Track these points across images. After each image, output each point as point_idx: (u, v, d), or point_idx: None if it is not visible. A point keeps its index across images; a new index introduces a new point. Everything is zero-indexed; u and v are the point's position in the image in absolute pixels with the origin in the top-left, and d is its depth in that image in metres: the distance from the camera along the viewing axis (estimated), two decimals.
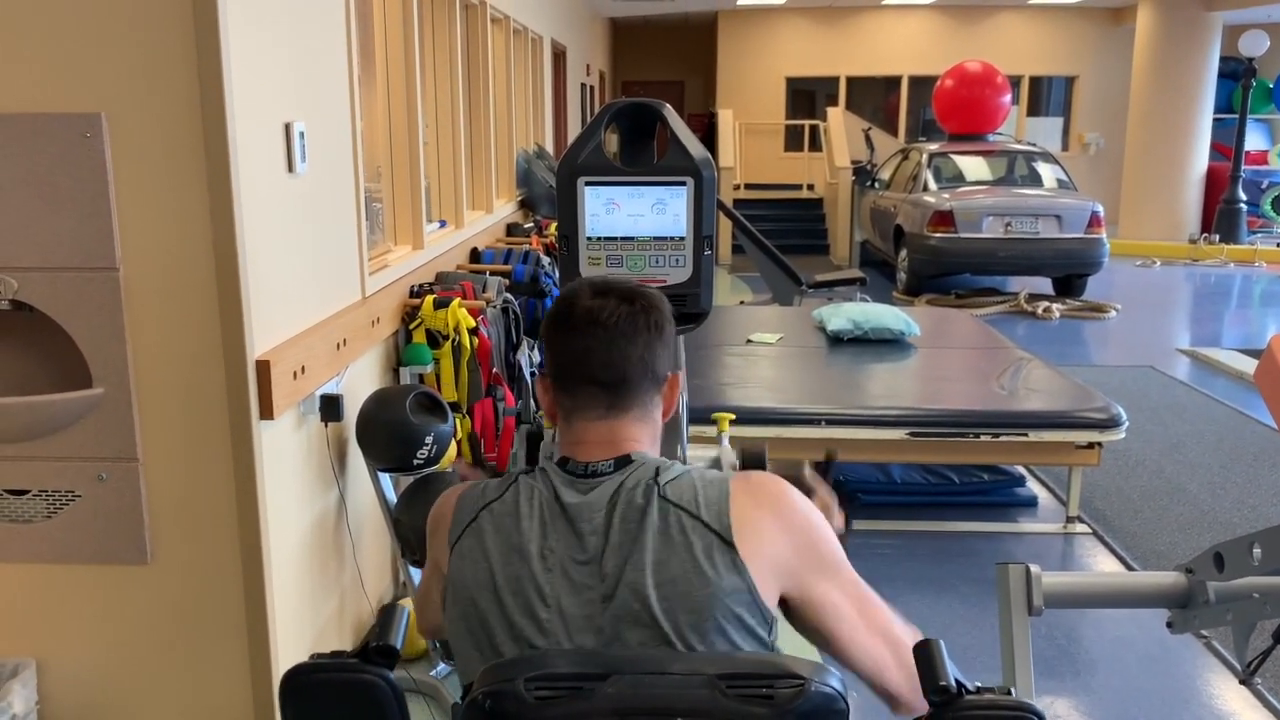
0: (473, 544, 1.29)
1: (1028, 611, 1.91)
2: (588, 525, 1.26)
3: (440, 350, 3.51)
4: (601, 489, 1.29)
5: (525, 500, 1.30)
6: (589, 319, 1.33)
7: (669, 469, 1.30)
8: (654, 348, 1.35)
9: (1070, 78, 15.89)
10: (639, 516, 1.25)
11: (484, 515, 1.30)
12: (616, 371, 1.33)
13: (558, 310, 1.36)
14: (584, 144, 1.75)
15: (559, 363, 1.36)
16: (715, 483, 1.28)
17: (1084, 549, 4.18)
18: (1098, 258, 9.41)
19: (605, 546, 1.24)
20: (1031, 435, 4.15)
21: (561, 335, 1.35)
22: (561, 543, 1.25)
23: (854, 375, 4.85)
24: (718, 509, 1.25)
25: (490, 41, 5.89)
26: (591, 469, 1.30)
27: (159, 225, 2.21)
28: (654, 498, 1.26)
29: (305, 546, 2.71)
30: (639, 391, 1.35)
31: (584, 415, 1.34)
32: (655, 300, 1.37)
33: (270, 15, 2.46)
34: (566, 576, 1.24)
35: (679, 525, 1.24)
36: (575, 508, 1.27)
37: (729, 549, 1.22)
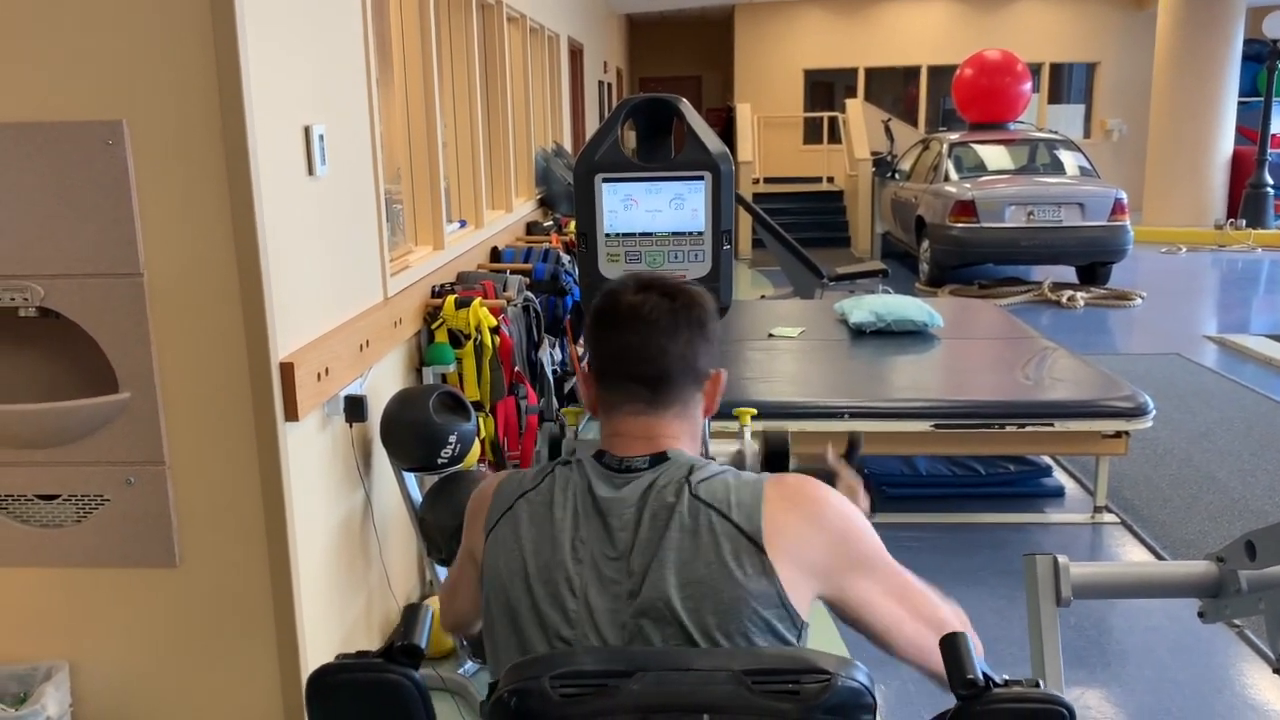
0: (508, 532, 1.30)
1: (1056, 602, 1.89)
2: (618, 520, 1.26)
3: (462, 350, 3.52)
4: (635, 484, 1.29)
5: (560, 490, 1.30)
6: (631, 314, 1.33)
7: (703, 468, 1.30)
8: (696, 344, 1.34)
9: (1092, 64, 15.74)
10: (668, 514, 1.24)
11: (520, 504, 1.31)
12: (657, 368, 1.32)
13: (601, 306, 1.36)
14: (600, 141, 1.75)
15: (601, 357, 1.36)
16: (749, 484, 1.27)
17: (1113, 539, 4.14)
18: (1122, 245, 9.32)
19: (634, 543, 1.24)
20: (1057, 425, 4.12)
21: (604, 331, 1.35)
22: (593, 536, 1.26)
23: (877, 368, 4.83)
24: (749, 510, 1.24)
25: (507, 41, 5.89)
26: (626, 464, 1.30)
27: (181, 230, 2.22)
28: (684, 496, 1.26)
29: (332, 547, 2.73)
30: (680, 388, 1.34)
31: (624, 410, 1.34)
32: (699, 296, 1.37)
33: (287, 20, 2.47)
34: (596, 570, 1.24)
35: (709, 525, 1.23)
36: (608, 502, 1.27)
37: (758, 552, 1.22)
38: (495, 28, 5.63)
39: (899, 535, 4.15)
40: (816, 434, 4.16)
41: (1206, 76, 12.59)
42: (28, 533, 2.38)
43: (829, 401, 4.26)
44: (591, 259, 1.81)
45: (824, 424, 4.15)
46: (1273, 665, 1.86)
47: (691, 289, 1.37)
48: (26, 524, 2.38)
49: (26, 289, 2.23)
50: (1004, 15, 15.36)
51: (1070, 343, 7.07)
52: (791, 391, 4.45)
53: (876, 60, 15.80)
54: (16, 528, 2.38)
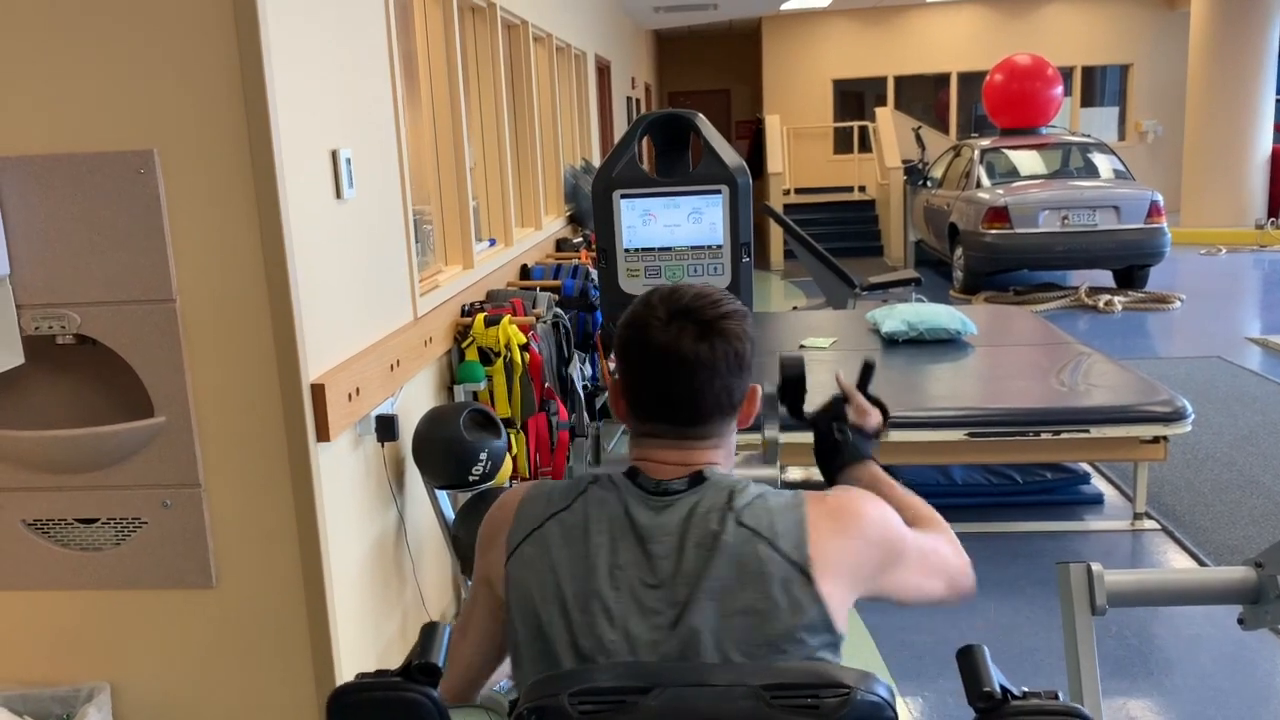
0: (537, 552, 1.25)
1: (1091, 611, 1.87)
2: (660, 547, 1.22)
3: (493, 367, 3.54)
4: (675, 509, 1.24)
5: (595, 514, 1.25)
6: (663, 357, 1.25)
7: (743, 491, 1.26)
8: (729, 381, 1.28)
9: (1124, 66, 15.57)
10: (712, 542, 1.20)
11: (551, 524, 1.26)
12: (693, 412, 1.27)
13: (630, 337, 1.28)
14: (618, 157, 1.76)
15: (631, 390, 1.30)
16: (790, 509, 1.24)
17: (1153, 546, 4.07)
18: (1159, 247, 9.19)
19: (676, 571, 1.20)
20: (1094, 431, 4.06)
21: (634, 365, 1.28)
22: (631, 562, 1.22)
23: (910, 377, 4.79)
24: (796, 538, 1.21)
25: (534, 60, 5.94)
26: (664, 486, 1.26)
27: (212, 256, 2.26)
28: (729, 523, 1.21)
29: (366, 566, 2.75)
30: (713, 424, 1.30)
31: (658, 440, 1.30)
32: (734, 327, 1.28)
33: (313, 46, 2.51)
34: (635, 598, 1.20)
35: (754, 554, 1.20)
36: (647, 528, 1.23)
37: (808, 582, 1.19)
38: (521, 47, 5.68)
39: None
40: None
41: (1242, 75, 12.41)
42: (68, 556, 2.42)
43: None
44: (611, 275, 1.82)
45: None
46: None
47: (729, 322, 1.28)
48: (66, 547, 2.42)
49: (64, 317, 2.27)
50: (1033, 19, 15.24)
51: (1108, 347, 6.97)
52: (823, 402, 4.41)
53: (906, 68, 15.73)
54: (57, 551, 2.42)
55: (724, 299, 1.31)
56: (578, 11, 8.04)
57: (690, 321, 1.26)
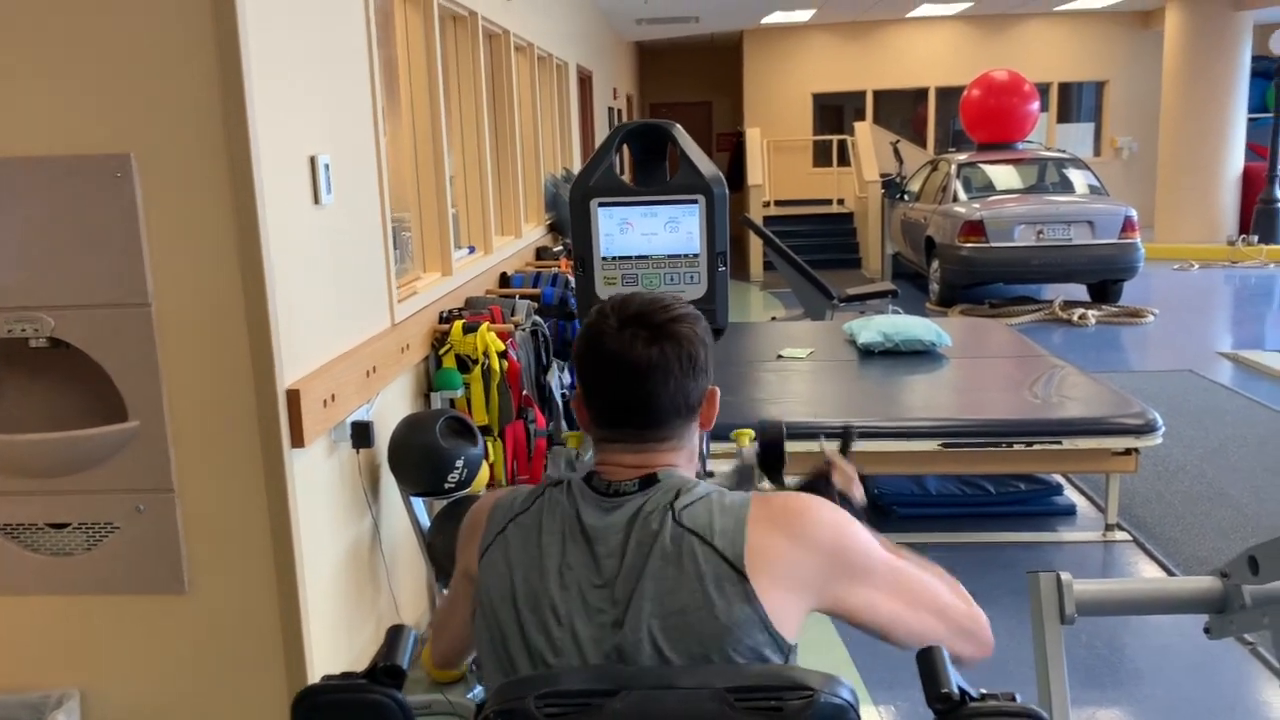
0: (499, 555, 1.28)
1: (1060, 620, 1.89)
2: (604, 548, 1.24)
3: (470, 375, 3.54)
4: (622, 510, 1.26)
5: (549, 515, 1.28)
6: (615, 363, 1.27)
7: (689, 491, 1.27)
8: (685, 383, 1.29)
9: (1100, 83, 15.73)
10: (651, 540, 1.22)
11: (511, 527, 1.29)
12: (649, 417, 1.29)
13: (585, 344, 1.31)
14: (596, 166, 1.77)
15: (588, 399, 1.32)
16: (733, 508, 1.24)
17: (1125, 557, 4.11)
18: (1133, 262, 9.29)
19: (619, 571, 1.22)
20: (1066, 443, 4.10)
21: (589, 375, 1.31)
22: (579, 563, 1.24)
23: (886, 387, 4.82)
24: (732, 536, 1.21)
25: (515, 69, 5.95)
26: (615, 488, 1.28)
27: (189, 260, 2.25)
28: (668, 522, 1.23)
29: (340, 573, 2.74)
30: (671, 427, 1.31)
31: (617, 445, 1.32)
32: (686, 330, 1.30)
33: (292, 52, 2.51)
34: (582, 598, 1.22)
35: (691, 552, 1.20)
36: (594, 529, 1.25)
37: (740, 579, 1.19)
38: (502, 56, 5.68)
39: None
40: None
41: (1215, 93, 12.58)
42: (39, 561, 2.40)
43: (838, 421, 4.25)
44: (589, 282, 1.82)
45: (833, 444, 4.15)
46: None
47: (677, 321, 1.29)
48: (37, 552, 2.40)
49: (37, 320, 2.26)
50: (1011, 36, 15.39)
51: (1082, 361, 7.03)
52: (801, 411, 4.45)
53: (884, 83, 15.84)
54: (28, 556, 2.40)
55: (674, 304, 1.32)
56: (560, 22, 8.06)
57: (641, 327, 1.28)
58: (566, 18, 8.48)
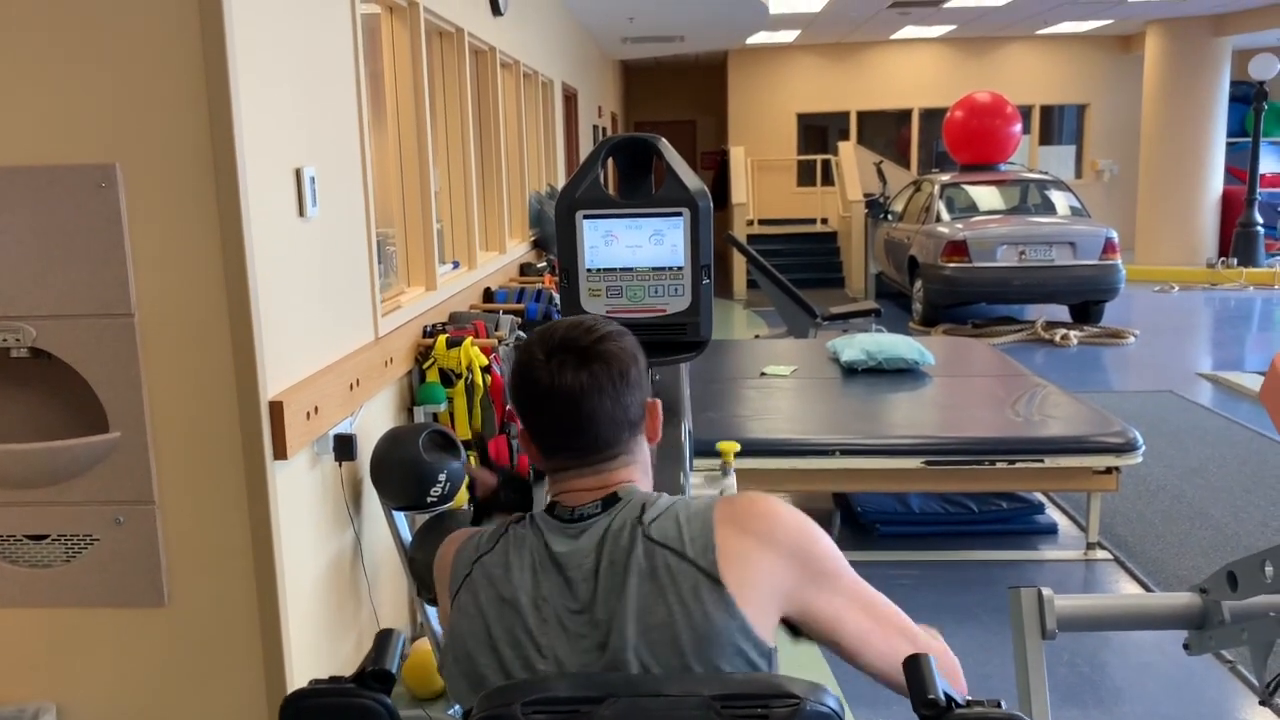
0: (468, 599, 1.28)
1: (1041, 635, 1.91)
2: (577, 572, 1.24)
3: (454, 389, 3.54)
4: (590, 533, 1.27)
5: (515, 551, 1.28)
6: (547, 394, 1.27)
7: (654, 504, 1.27)
8: (621, 400, 1.29)
9: (1082, 106, 15.90)
10: (625, 559, 1.23)
11: (476, 569, 1.28)
12: (590, 439, 1.29)
13: (518, 380, 1.31)
14: (581, 179, 1.78)
15: (529, 431, 1.32)
16: (698, 515, 1.25)
17: (1105, 575, 4.14)
18: (1114, 283, 9.38)
19: (595, 593, 1.22)
20: (1047, 461, 4.13)
21: (524, 408, 1.31)
22: (554, 592, 1.24)
23: (869, 405, 4.84)
24: (703, 543, 1.22)
25: (500, 86, 5.97)
26: (579, 513, 1.28)
27: (173, 271, 2.25)
28: (638, 538, 1.23)
29: (321, 586, 2.73)
30: (616, 444, 1.31)
31: (568, 473, 1.32)
32: (612, 349, 1.29)
33: (279, 64, 2.52)
34: (561, 626, 1.22)
35: (665, 566, 1.21)
36: (564, 556, 1.25)
37: (717, 586, 1.20)
38: (488, 73, 5.71)
39: (892, 573, 4.14)
40: (808, 471, 4.18)
41: (1195, 118, 12.74)
42: (16, 573, 2.38)
43: (820, 438, 4.28)
44: (573, 294, 1.84)
45: (815, 461, 4.17)
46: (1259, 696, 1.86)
47: (605, 344, 1.29)
48: (15, 564, 2.38)
49: (19, 330, 2.25)
50: (994, 58, 15.56)
51: (1064, 381, 7.09)
52: (783, 429, 4.46)
53: (868, 104, 15.97)
54: (5, 568, 2.38)
55: (598, 325, 1.32)
56: (546, 40, 8.10)
57: (567, 353, 1.28)
58: (553, 36, 8.53)
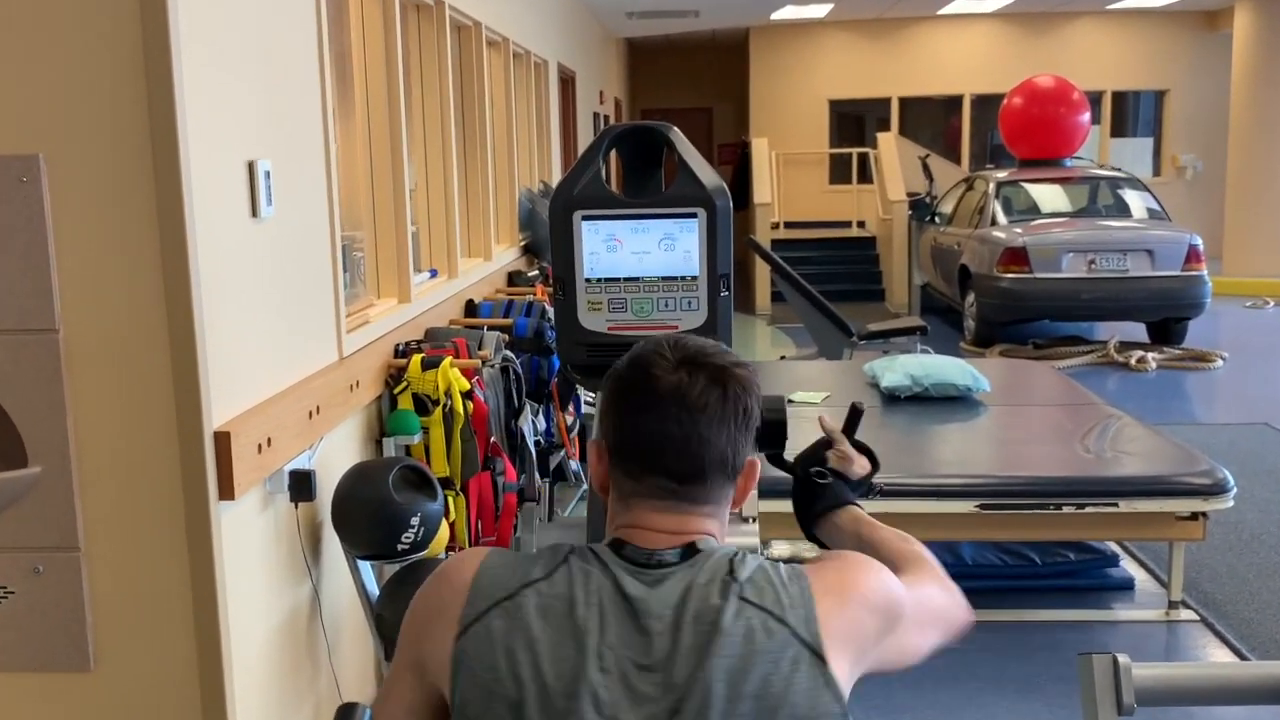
0: (509, 626, 1.26)
1: (1116, 710, 1.89)
2: (657, 623, 1.25)
3: (430, 418, 3.54)
4: (671, 582, 1.28)
5: (581, 586, 1.28)
6: (674, 400, 1.31)
7: (743, 563, 1.30)
8: (739, 438, 1.34)
9: (1160, 92, 15.96)
10: (714, 617, 1.25)
11: (528, 595, 1.27)
12: (695, 465, 1.32)
13: (631, 378, 1.35)
14: (580, 174, 1.78)
15: (624, 441, 1.35)
16: (794, 579, 1.30)
17: (1191, 639, 4.11)
18: (1198, 298, 9.37)
19: (674, 651, 1.24)
20: (1123, 505, 4.10)
21: (633, 410, 1.34)
22: (622, 642, 1.25)
23: (913, 438, 4.83)
24: (804, 614, 1.27)
25: (487, 67, 6.00)
26: (657, 558, 1.30)
27: (104, 280, 2.25)
28: (731, 597, 1.26)
29: (273, 648, 2.71)
30: (714, 486, 1.35)
31: (648, 504, 1.34)
32: (749, 381, 1.36)
33: (231, 42, 2.53)
34: (625, 683, 1.23)
35: (765, 629, 1.25)
36: (642, 602, 1.26)
37: (820, 662, 1.25)
38: (473, 52, 5.74)
39: None
40: None
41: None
42: None
43: None
44: (570, 308, 1.83)
45: None
46: None
47: (743, 371, 1.37)
48: None
49: None
50: (1058, 38, 15.61)
51: (1140, 410, 7.05)
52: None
53: (912, 89, 16.03)
54: None
55: (734, 354, 1.41)
56: (539, 14, 8.15)
57: (701, 366, 1.34)
58: (547, 9, 8.59)
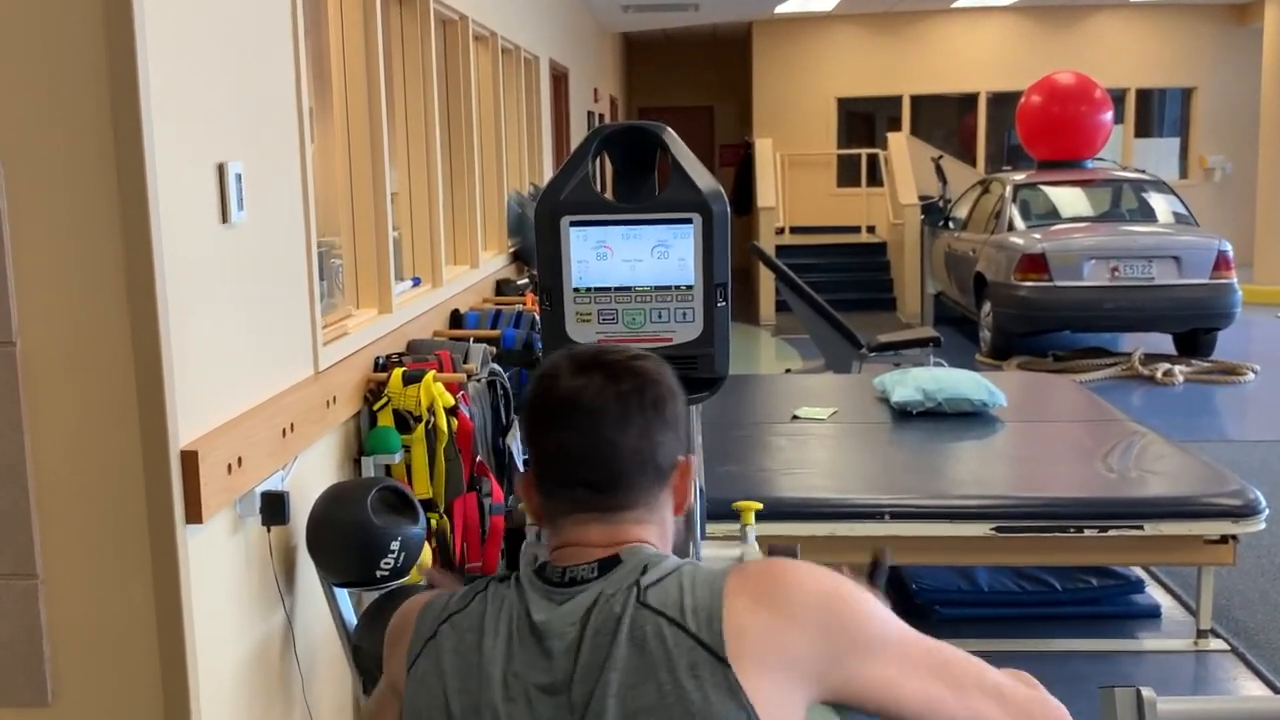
0: (429, 665, 1.30)
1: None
2: (559, 643, 1.26)
3: (412, 435, 3.53)
4: (579, 599, 1.29)
5: (492, 615, 1.30)
6: (568, 405, 1.33)
7: (657, 565, 1.29)
8: (653, 434, 1.34)
9: (1187, 89, 16.01)
10: (613, 628, 1.24)
11: (444, 630, 1.31)
12: (605, 469, 1.33)
13: (533, 394, 1.38)
14: (568, 177, 1.78)
15: (538, 459, 1.37)
16: (706, 581, 1.26)
17: (1221, 670, 4.10)
18: (1228, 307, 9.38)
19: (574, 669, 1.24)
20: (1148, 528, 4.10)
21: (537, 425, 1.37)
22: (527, 667, 1.26)
23: (925, 457, 4.83)
24: (708, 614, 1.23)
25: (474, 63, 6.01)
26: (571, 575, 1.30)
27: (64, 289, 2.25)
28: (630, 604, 1.25)
29: (243, 681, 2.70)
30: (637, 490, 1.34)
31: (571, 520, 1.35)
32: (653, 372, 1.36)
33: (200, 37, 2.53)
34: (530, 708, 1.24)
35: (658, 636, 1.22)
36: (544, 624, 1.28)
37: (721, 666, 1.20)
38: (459, 48, 5.75)
39: None
40: (850, 538, 4.15)
41: None
42: None
43: (865, 499, 4.25)
44: (557, 320, 1.83)
45: (859, 526, 4.13)
46: None
47: (643, 363, 1.37)
48: None
49: None
50: (1079, 32, 15.67)
51: (1166, 427, 7.05)
52: (820, 486, 4.45)
53: (925, 86, 16.07)
54: None
55: (638, 351, 1.41)
56: (530, 7, 8.17)
57: (598, 367, 1.35)
58: (538, 2, 8.61)
